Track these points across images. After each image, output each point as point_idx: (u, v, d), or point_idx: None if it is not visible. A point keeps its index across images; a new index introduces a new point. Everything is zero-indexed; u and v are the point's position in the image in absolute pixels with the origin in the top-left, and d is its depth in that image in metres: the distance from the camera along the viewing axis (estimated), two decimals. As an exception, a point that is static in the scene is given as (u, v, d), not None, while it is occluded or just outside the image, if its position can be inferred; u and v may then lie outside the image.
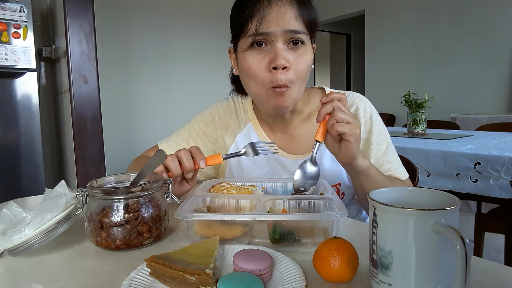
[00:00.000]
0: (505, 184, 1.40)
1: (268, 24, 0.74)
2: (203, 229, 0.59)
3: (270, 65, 0.76)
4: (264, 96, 0.80)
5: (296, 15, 0.76)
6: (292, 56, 0.77)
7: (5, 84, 2.23)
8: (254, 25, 0.75)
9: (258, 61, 0.77)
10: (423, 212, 0.40)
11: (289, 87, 0.77)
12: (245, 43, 0.78)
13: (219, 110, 1.00)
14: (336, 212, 0.55)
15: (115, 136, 3.58)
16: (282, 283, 0.47)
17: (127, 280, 0.47)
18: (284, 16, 0.74)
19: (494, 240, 2.39)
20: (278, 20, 0.74)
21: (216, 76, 4.08)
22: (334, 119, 0.68)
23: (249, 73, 0.79)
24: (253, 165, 0.94)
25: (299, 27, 0.76)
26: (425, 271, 0.41)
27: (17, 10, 2.15)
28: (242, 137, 0.96)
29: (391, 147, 0.90)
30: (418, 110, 2.09)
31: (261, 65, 0.77)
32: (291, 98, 0.79)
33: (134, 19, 3.86)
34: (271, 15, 0.74)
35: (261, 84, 0.78)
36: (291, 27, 0.75)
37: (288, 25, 0.74)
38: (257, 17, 0.75)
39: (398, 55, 4.46)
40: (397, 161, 0.90)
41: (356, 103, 0.91)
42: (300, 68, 0.77)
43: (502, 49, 3.58)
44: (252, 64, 0.78)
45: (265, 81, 0.77)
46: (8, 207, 0.65)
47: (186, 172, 0.72)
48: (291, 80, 0.77)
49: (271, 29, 0.74)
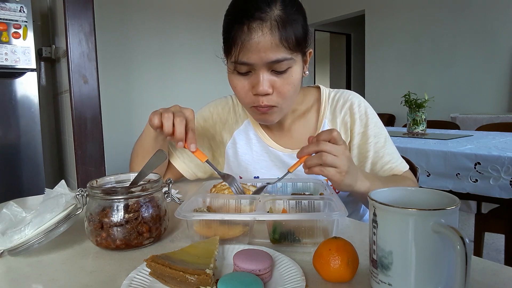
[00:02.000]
0: (505, 184, 1.40)
1: (249, 54, 0.72)
2: (203, 229, 0.59)
3: (252, 90, 0.77)
4: (249, 111, 0.85)
5: (277, 43, 0.71)
6: (276, 80, 0.76)
7: (5, 84, 2.23)
8: (236, 53, 0.74)
9: (242, 84, 0.78)
10: (423, 212, 0.40)
11: (274, 107, 0.79)
12: (230, 65, 0.78)
13: (217, 106, 1.02)
14: (336, 212, 0.55)
15: (115, 136, 3.58)
16: (282, 283, 0.47)
17: (127, 280, 0.47)
18: (264, 47, 0.71)
19: (494, 240, 2.39)
20: (259, 52, 0.71)
21: (216, 75, 4.08)
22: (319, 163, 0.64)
23: (234, 91, 0.82)
24: (251, 159, 0.95)
25: (282, 55, 0.72)
26: (425, 271, 0.41)
27: (17, 10, 2.15)
28: (239, 133, 0.98)
29: (389, 140, 0.91)
30: (418, 110, 2.09)
31: (245, 88, 0.78)
32: (275, 115, 0.82)
33: (134, 19, 3.86)
34: (252, 45, 0.71)
35: (245, 103, 0.82)
36: (272, 58, 0.72)
37: (268, 57, 0.72)
38: (238, 45, 0.72)
39: (398, 55, 4.46)
40: (396, 153, 0.91)
41: (350, 99, 0.92)
42: (284, 92, 0.77)
43: (502, 49, 3.58)
44: (236, 86, 0.80)
45: (248, 101, 0.80)
46: (8, 207, 0.65)
47: (176, 140, 0.73)
48: (274, 103, 0.78)
49: (251, 60, 0.73)
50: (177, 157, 1.00)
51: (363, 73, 4.98)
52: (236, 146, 0.97)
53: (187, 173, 1.00)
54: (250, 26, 0.71)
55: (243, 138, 0.97)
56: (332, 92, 0.95)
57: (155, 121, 0.74)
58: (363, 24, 4.85)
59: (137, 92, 3.93)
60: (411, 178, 0.90)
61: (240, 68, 0.76)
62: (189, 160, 1.00)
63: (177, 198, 0.70)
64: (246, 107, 0.84)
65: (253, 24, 0.71)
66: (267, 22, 0.70)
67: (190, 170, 1.00)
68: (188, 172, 1.00)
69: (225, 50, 0.79)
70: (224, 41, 0.78)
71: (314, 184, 0.77)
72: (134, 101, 3.92)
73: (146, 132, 0.87)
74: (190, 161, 1.00)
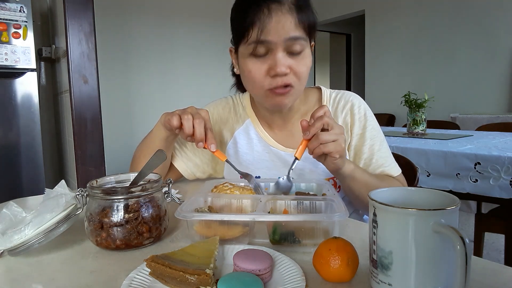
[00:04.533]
0: (505, 184, 1.40)
1: (268, 32, 0.76)
2: (203, 229, 0.59)
3: (270, 72, 0.79)
4: (263, 96, 0.84)
5: (295, 22, 0.77)
6: (292, 61, 0.79)
7: (5, 84, 2.23)
8: (255, 33, 0.77)
9: (257, 67, 0.80)
10: (423, 212, 0.40)
11: (290, 88, 0.81)
12: (246, 49, 0.80)
13: (218, 106, 1.03)
14: (337, 214, 0.55)
15: (115, 136, 3.58)
16: (282, 283, 0.47)
17: (127, 280, 0.47)
18: (284, 25, 0.76)
19: (494, 240, 2.39)
20: (278, 29, 0.76)
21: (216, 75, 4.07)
22: (319, 142, 0.69)
23: (248, 77, 0.83)
24: (252, 159, 0.95)
25: (299, 34, 0.78)
26: (425, 271, 0.41)
27: (17, 10, 2.15)
28: (240, 132, 0.98)
29: (384, 144, 0.93)
30: (418, 110, 2.09)
31: (261, 70, 0.80)
32: (291, 97, 0.84)
33: (134, 19, 3.86)
34: (271, 24, 0.76)
35: (260, 87, 0.82)
36: (291, 35, 0.77)
37: (288, 34, 0.77)
38: (257, 25, 0.76)
39: (398, 55, 4.45)
40: (390, 157, 0.93)
41: (351, 100, 0.94)
42: (300, 72, 0.81)
43: (502, 49, 3.58)
44: (252, 69, 0.80)
45: (264, 84, 0.81)
46: (8, 207, 0.65)
47: (197, 141, 0.75)
48: (291, 83, 0.80)
49: (272, 38, 0.76)
50: (177, 157, 1.00)
51: (363, 73, 4.98)
52: (237, 146, 0.97)
53: (186, 172, 1.01)
54: (270, 7, 0.76)
55: (244, 138, 0.97)
56: (333, 93, 0.97)
57: (174, 122, 0.75)
58: (363, 24, 4.85)
59: (137, 92, 3.93)
60: (402, 181, 0.92)
61: (258, 50, 0.78)
62: (188, 159, 1.00)
63: (177, 198, 0.70)
64: (259, 93, 0.84)
65: (272, 5, 0.76)
66: (285, 4, 0.77)
67: (189, 170, 1.01)
68: (187, 172, 1.01)
69: (239, 36, 0.81)
70: (237, 26, 0.81)
71: (317, 185, 0.77)
72: (134, 101, 3.92)
73: (156, 132, 0.87)
74: (189, 160, 1.00)
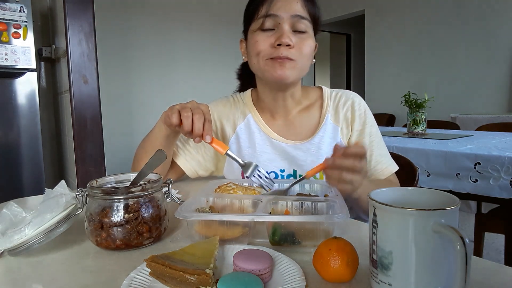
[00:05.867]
0: (505, 184, 1.40)
1: (277, 8, 0.84)
2: (203, 229, 0.59)
3: (275, 42, 0.84)
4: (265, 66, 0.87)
5: (302, 4, 0.85)
6: (296, 38, 0.85)
7: (5, 84, 2.23)
8: (264, 9, 0.85)
9: (264, 38, 0.86)
10: (423, 212, 0.40)
11: (291, 60, 0.85)
12: (255, 25, 0.87)
13: (218, 105, 1.04)
14: (337, 215, 0.54)
15: (115, 136, 3.58)
16: (282, 283, 0.47)
17: (127, 280, 0.47)
18: (291, 3, 0.84)
19: (494, 240, 2.39)
20: (286, 6, 0.84)
21: (217, 75, 4.07)
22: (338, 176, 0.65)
23: (254, 48, 0.87)
24: (253, 152, 0.96)
25: (305, 14, 0.85)
26: (425, 271, 0.41)
27: (17, 10, 2.15)
28: (242, 128, 1.00)
29: (382, 141, 0.97)
30: (418, 110, 2.09)
31: (266, 42, 0.85)
32: (292, 70, 0.86)
33: (134, 19, 3.86)
34: (280, 1, 0.84)
35: (263, 56, 0.86)
36: (297, 12, 0.84)
37: (294, 11, 0.84)
38: (268, 2, 0.85)
39: (398, 55, 4.45)
40: (388, 155, 0.97)
41: (352, 98, 0.97)
42: (303, 48, 0.85)
43: (502, 49, 3.58)
44: (258, 40, 0.86)
45: (267, 53, 0.85)
46: (8, 207, 0.65)
47: (195, 135, 0.75)
48: (293, 56, 0.84)
49: (279, 12, 0.84)
50: (179, 155, 1.00)
51: (363, 73, 4.98)
52: (240, 141, 0.99)
53: (190, 171, 1.01)
54: None
55: (245, 133, 0.99)
56: (334, 91, 1.00)
57: (174, 119, 0.75)
58: (363, 24, 4.85)
59: (137, 92, 3.93)
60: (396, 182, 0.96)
61: (266, 24, 0.85)
62: (191, 158, 1.00)
63: (177, 198, 0.70)
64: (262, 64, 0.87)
65: None
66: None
67: (192, 168, 1.01)
68: (190, 170, 1.01)
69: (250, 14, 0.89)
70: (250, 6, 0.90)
71: (320, 185, 0.77)
72: (134, 101, 3.91)
73: (157, 130, 0.87)
74: (192, 158, 1.00)
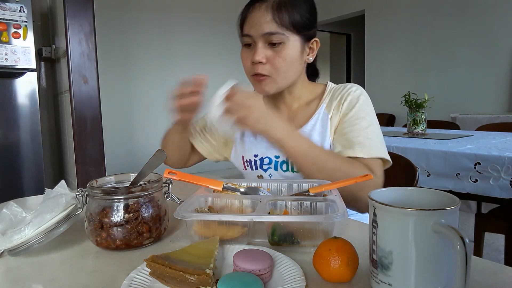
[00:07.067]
0: (505, 184, 1.40)
1: (249, 27, 0.90)
2: (202, 229, 0.59)
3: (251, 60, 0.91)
4: (252, 82, 0.96)
5: (270, 19, 0.87)
6: (271, 53, 0.89)
7: (5, 84, 2.23)
8: (243, 28, 0.92)
9: (246, 56, 0.93)
10: (423, 212, 0.40)
11: (267, 77, 0.90)
12: (241, 40, 0.95)
13: None
14: (336, 215, 0.54)
15: (115, 136, 3.58)
16: (282, 283, 0.47)
17: (127, 280, 0.47)
18: (260, 21, 0.87)
19: (494, 240, 2.39)
20: (256, 25, 0.88)
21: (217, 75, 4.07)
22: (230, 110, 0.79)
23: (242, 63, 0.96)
24: (254, 140, 1.01)
25: (275, 28, 0.87)
26: (425, 271, 0.41)
27: (17, 10, 2.15)
28: None
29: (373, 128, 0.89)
30: (418, 110, 2.09)
31: (248, 59, 0.92)
32: (269, 85, 0.92)
33: (134, 19, 3.86)
34: (251, 19, 0.89)
35: (247, 72, 0.95)
36: (266, 30, 0.87)
37: (263, 29, 0.87)
38: (245, 21, 0.91)
39: (398, 55, 4.45)
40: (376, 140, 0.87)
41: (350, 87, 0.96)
42: (276, 63, 0.89)
43: (502, 49, 3.58)
44: (242, 57, 0.95)
45: (249, 70, 0.94)
46: (8, 207, 0.65)
47: None
48: (267, 72, 0.90)
49: (251, 32, 0.89)
50: (196, 138, 1.09)
51: (363, 73, 4.98)
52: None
53: (206, 151, 1.10)
54: (254, 6, 0.89)
55: None
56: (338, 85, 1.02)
57: None
58: (363, 24, 4.85)
59: (137, 92, 3.93)
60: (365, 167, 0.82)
61: (245, 41, 0.92)
62: (206, 140, 1.09)
63: (177, 198, 0.70)
64: (249, 77, 0.96)
65: (256, 4, 0.89)
66: (267, 2, 0.88)
67: (207, 149, 1.10)
68: (206, 151, 1.10)
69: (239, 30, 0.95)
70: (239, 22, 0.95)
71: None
72: (134, 101, 3.91)
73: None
74: (206, 141, 1.09)
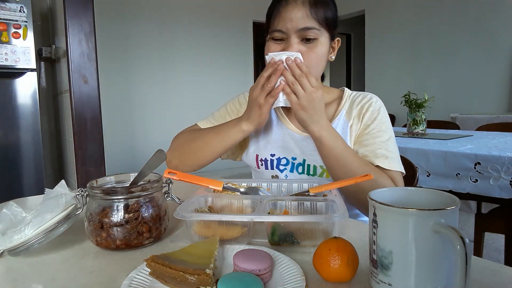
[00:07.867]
0: (505, 184, 1.40)
1: (283, 23, 0.87)
2: (202, 229, 0.59)
3: None
4: None
5: (307, 14, 0.86)
6: (303, 48, 0.87)
7: (5, 84, 2.23)
8: (275, 22, 0.89)
9: (274, 47, 0.91)
10: (423, 212, 0.40)
11: None
12: (269, 34, 0.92)
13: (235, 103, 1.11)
14: (335, 215, 0.54)
15: (115, 136, 3.58)
16: (282, 283, 0.47)
17: (127, 280, 0.47)
18: (295, 16, 0.86)
19: (494, 240, 2.39)
20: (292, 20, 0.86)
21: (217, 74, 4.08)
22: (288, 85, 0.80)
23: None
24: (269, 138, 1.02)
25: (311, 23, 0.86)
26: (425, 271, 0.41)
27: (17, 10, 2.15)
28: None
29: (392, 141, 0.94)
30: (418, 110, 2.09)
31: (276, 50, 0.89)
32: None
33: (134, 19, 3.86)
34: (286, 14, 0.87)
35: None
36: (301, 26, 0.86)
37: (299, 24, 0.86)
38: (276, 16, 0.89)
39: (398, 55, 4.46)
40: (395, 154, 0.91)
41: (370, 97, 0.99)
42: (310, 59, 0.87)
43: (502, 49, 3.58)
44: (270, 48, 0.91)
45: None
46: (8, 207, 0.65)
47: None
48: None
49: (285, 28, 0.87)
50: None
51: (363, 73, 4.98)
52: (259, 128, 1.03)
53: None
54: (288, 1, 0.88)
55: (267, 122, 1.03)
56: (355, 92, 1.03)
57: None
58: (363, 24, 4.85)
59: (137, 92, 3.93)
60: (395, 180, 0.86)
61: (276, 35, 0.89)
62: None
63: (177, 198, 0.70)
64: None
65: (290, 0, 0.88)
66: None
67: None
68: None
69: (266, 24, 0.94)
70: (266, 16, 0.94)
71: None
72: (134, 101, 3.91)
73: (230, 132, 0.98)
74: None
